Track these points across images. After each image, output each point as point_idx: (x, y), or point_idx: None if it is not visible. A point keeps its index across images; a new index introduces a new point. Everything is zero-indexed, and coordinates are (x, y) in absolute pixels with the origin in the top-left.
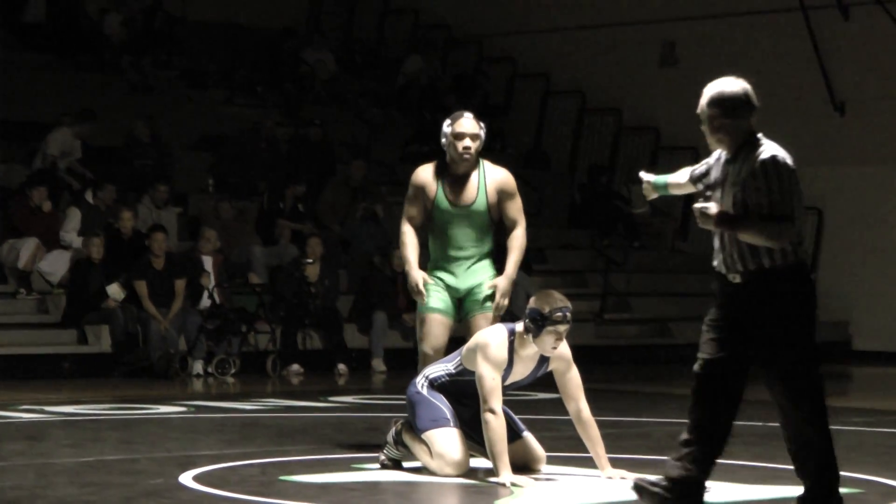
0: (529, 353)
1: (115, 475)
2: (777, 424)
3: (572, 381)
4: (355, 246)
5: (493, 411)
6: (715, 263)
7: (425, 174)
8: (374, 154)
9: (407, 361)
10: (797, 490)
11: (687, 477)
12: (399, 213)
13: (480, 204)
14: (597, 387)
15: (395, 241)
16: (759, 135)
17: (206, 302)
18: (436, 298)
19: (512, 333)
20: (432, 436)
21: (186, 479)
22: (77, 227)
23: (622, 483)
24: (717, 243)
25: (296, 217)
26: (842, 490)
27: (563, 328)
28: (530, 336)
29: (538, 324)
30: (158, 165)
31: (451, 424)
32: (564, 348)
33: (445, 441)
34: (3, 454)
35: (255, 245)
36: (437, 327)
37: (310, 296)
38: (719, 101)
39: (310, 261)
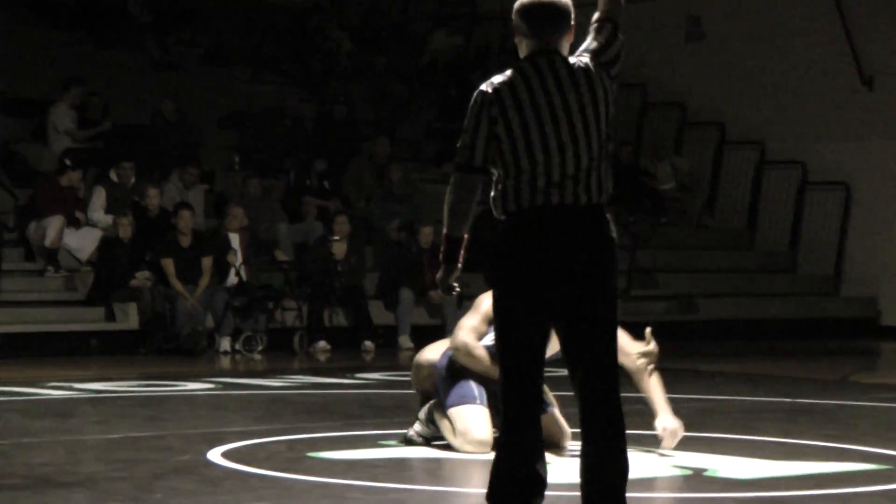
0: None
1: (143, 451)
2: (804, 400)
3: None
4: (381, 223)
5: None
6: None
7: None
8: (399, 131)
9: (433, 338)
10: (825, 466)
11: None
12: (425, 189)
13: None
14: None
15: (421, 217)
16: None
17: (232, 279)
18: None
19: None
20: (457, 412)
21: (214, 455)
22: (103, 205)
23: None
24: None
25: (322, 194)
26: (870, 466)
27: None
28: None
29: None
30: (185, 144)
31: (479, 402)
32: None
33: (470, 418)
34: (32, 431)
35: (281, 222)
36: None
37: (336, 273)
38: None
39: (336, 238)
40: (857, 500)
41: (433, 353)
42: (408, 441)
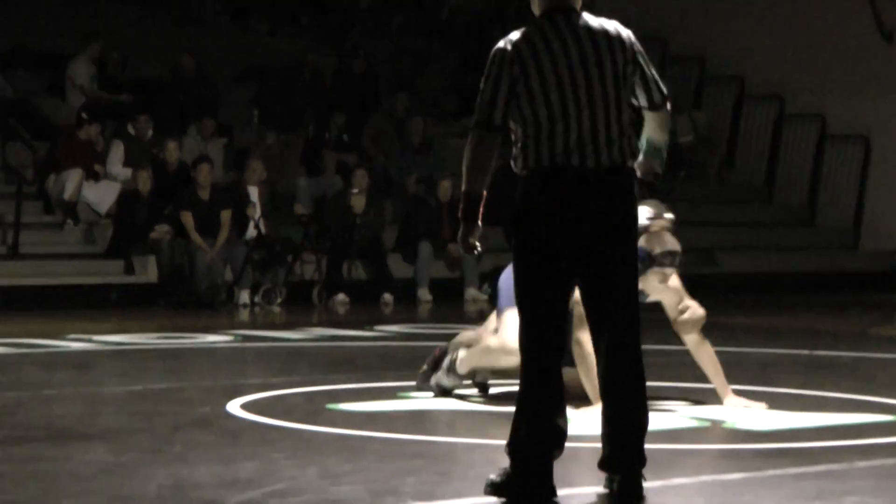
0: None
1: (162, 404)
2: (823, 352)
3: (671, 305)
4: (400, 176)
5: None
6: None
7: None
8: (418, 85)
9: (451, 291)
10: (844, 418)
11: None
12: (444, 143)
13: None
14: (643, 316)
15: (440, 171)
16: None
17: (251, 232)
18: None
19: None
20: (509, 317)
21: (234, 407)
22: (122, 158)
23: (744, 412)
24: None
25: (341, 148)
26: (888, 418)
27: (669, 271)
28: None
29: (645, 263)
30: (204, 98)
31: None
32: (674, 282)
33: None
34: (51, 383)
35: (300, 176)
36: None
37: (355, 226)
38: None
39: (355, 191)
40: (875, 451)
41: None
42: (422, 388)
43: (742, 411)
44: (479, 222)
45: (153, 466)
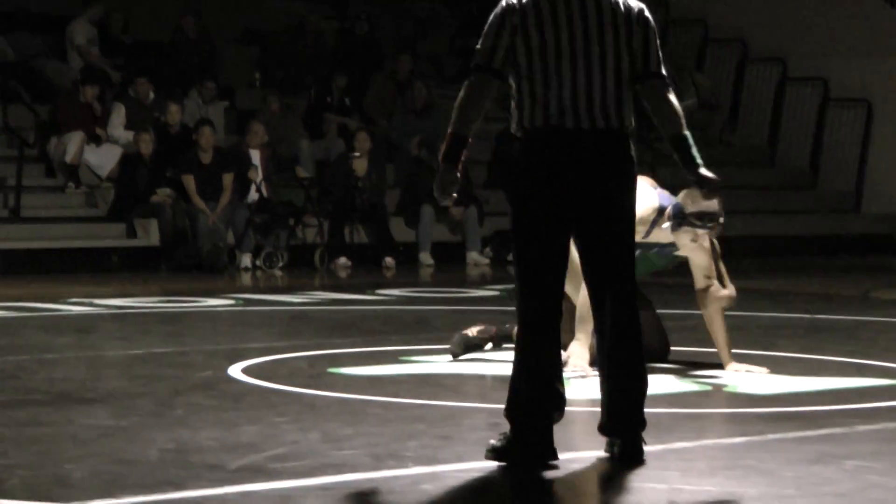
0: (666, 233)
1: (164, 368)
2: (824, 316)
3: (699, 268)
4: (402, 140)
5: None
6: None
7: None
8: (420, 48)
9: (453, 255)
10: (845, 382)
11: None
12: (447, 106)
13: None
14: (646, 279)
15: (442, 134)
16: None
17: (253, 196)
18: None
19: (661, 210)
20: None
21: (235, 371)
22: (123, 121)
23: (745, 376)
24: None
25: (343, 111)
26: (890, 381)
27: (700, 233)
28: (669, 225)
29: (677, 219)
30: (205, 60)
31: None
32: (707, 244)
33: None
34: (53, 347)
35: (302, 139)
36: None
37: (357, 189)
38: None
39: (357, 154)
40: (877, 414)
41: None
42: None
43: (743, 375)
44: (459, 171)
45: (154, 430)
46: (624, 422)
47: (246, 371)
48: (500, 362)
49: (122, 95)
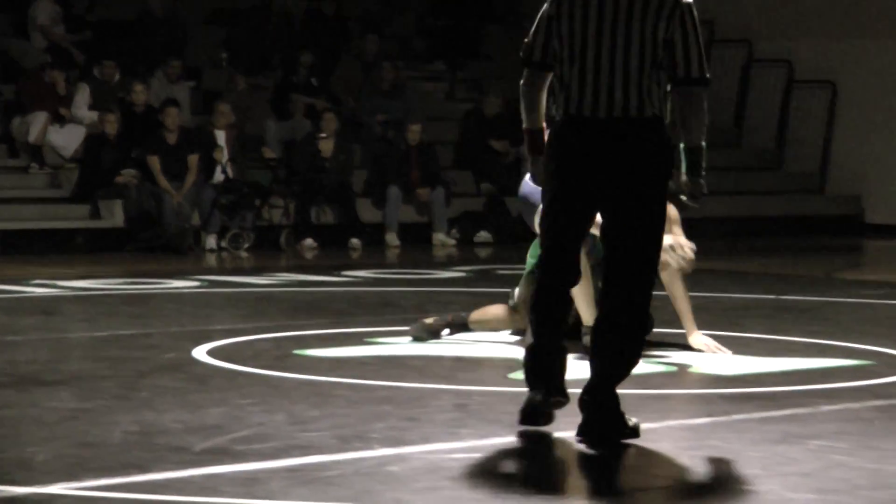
0: None
1: (129, 349)
2: (789, 297)
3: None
4: (369, 120)
5: None
6: None
7: None
8: (387, 28)
9: (420, 236)
10: (809, 362)
11: None
12: (414, 87)
13: None
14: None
15: (410, 115)
16: None
17: (219, 176)
18: None
19: None
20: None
21: (200, 353)
22: (87, 101)
23: (710, 357)
24: None
25: (309, 91)
26: (853, 362)
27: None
28: None
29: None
30: (172, 40)
31: None
32: (672, 212)
33: None
34: (17, 328)
35: (268, 119)
36: None
37: (324, 170)
38: None
39: (324, 135)
40: (841, 394)
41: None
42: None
43: (708, 356)
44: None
45: (119, 413)
46: (597, 401)
47: (211, 353)
48: (463, 343)
49: (86, 75)
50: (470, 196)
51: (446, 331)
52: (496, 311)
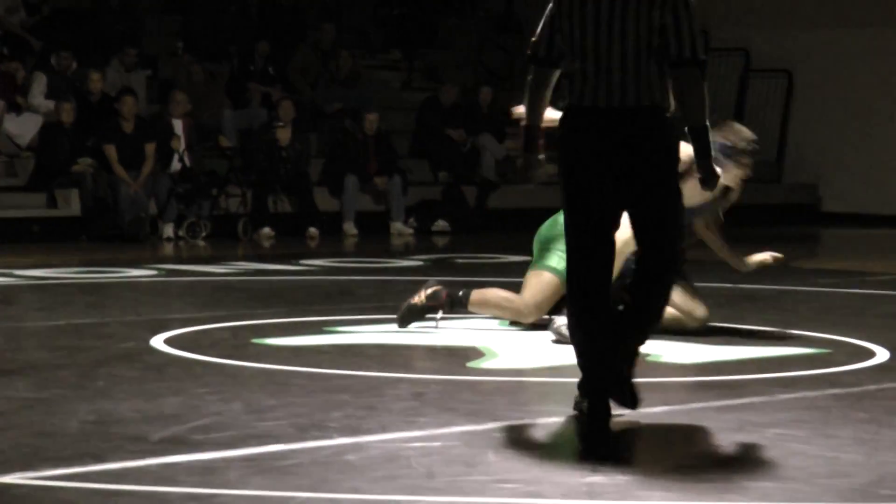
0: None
1: (85, 339)
2: (746, 285)
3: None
4: (326, 109)
5: None
6: None
7: None
8: (344, 17)
9: (377, 225)
10: (766, 350)
11: None
12: (371, 76)
13: None
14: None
15: (367, 104)
16: None
17: (176, 165)
18: None
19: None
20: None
21: (157, 342)
22: (44, 90)
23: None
24: None
25: (266, 80)
26: (810, 350)
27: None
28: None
29: (727, 155)
30: (127, 28)
31: None
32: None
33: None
34: None
35: (225, 108)
36: None
37: (281, 159)
38: None
39: (281, 124)
40: (797, 383)
41: None
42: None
43: (665, 344)
44: (541, 155)
45: (75, 402)
46: (596, 382)
47: (168, 342)
48: (421, 332)
49: (43, 65)
50: (427, 185)
51: (440, 312)
52: (497, 299)
